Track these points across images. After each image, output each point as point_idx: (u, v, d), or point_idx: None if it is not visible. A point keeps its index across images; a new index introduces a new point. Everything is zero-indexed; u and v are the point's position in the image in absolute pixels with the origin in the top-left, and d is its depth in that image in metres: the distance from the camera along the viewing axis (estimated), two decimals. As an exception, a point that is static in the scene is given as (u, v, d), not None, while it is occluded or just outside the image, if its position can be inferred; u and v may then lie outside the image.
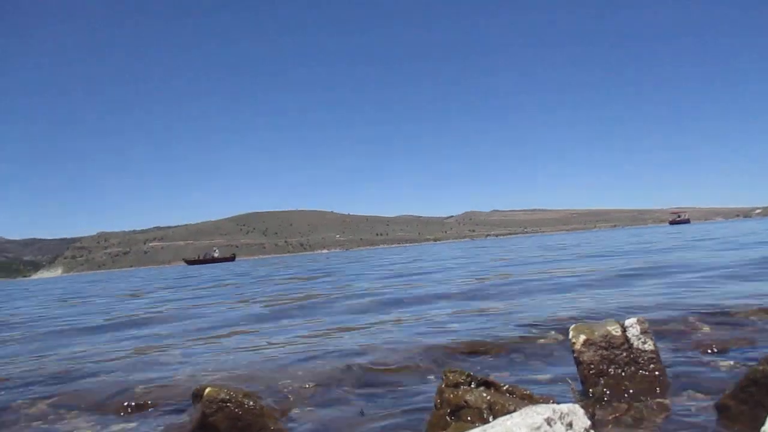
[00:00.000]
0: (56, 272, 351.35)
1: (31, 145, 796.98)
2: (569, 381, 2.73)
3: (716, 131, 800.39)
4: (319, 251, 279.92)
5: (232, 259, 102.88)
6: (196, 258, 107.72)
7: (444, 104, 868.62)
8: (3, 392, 3.52)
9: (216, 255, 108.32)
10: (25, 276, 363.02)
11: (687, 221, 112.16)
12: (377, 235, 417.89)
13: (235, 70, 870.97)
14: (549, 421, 1.37)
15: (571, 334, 2.83)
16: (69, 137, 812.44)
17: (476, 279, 9.80)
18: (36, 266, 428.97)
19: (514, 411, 1.88)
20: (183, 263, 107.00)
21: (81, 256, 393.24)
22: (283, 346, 4.34)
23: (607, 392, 2.57)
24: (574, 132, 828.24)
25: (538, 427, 1.34)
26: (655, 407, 2.39)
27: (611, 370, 2.67)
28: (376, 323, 5.26)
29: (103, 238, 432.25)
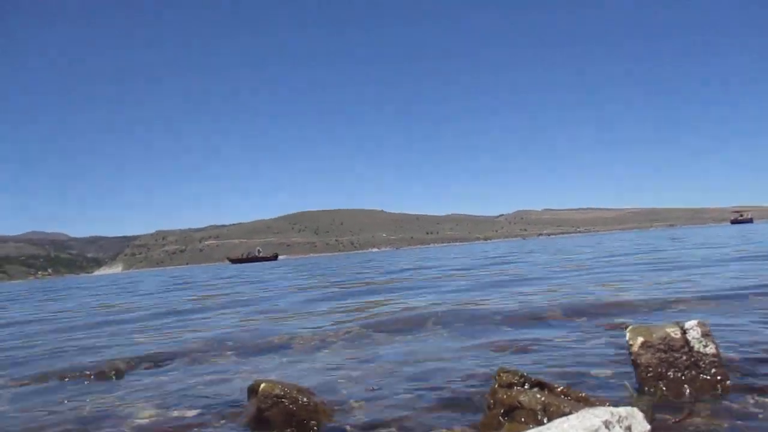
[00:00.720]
0: (117, 269, 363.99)
1: (96, 149, 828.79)
2: (626, 384, 2.67)
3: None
4: (370, 250, 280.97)
5: (274, 258, 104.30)
6: (240, 257, 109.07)
7: (495, 102, 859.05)
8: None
9: (259, 254, 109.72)
10: (87, 272, 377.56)
11: (750, 220, 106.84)
12: (427, 233, 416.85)
13: (282, 69, 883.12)
14: (607, 424, 1.34)
15: (628, 335, 2.76)
16: (129, 141, 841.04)
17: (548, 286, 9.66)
18: (98, 263, 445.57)
19: (570, 413, 1.85)
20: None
21: (140, 254, 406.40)
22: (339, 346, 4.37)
23: (667, 396, 2.50)
24: (629, 129, 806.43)
25: (596, 430, 1.31)
26: (717, 413, 2.30)
27: (670, 374, 2.59)
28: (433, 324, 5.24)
29: (161, 236, 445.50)
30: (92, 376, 3.83)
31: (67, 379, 3.79)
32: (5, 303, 15.30)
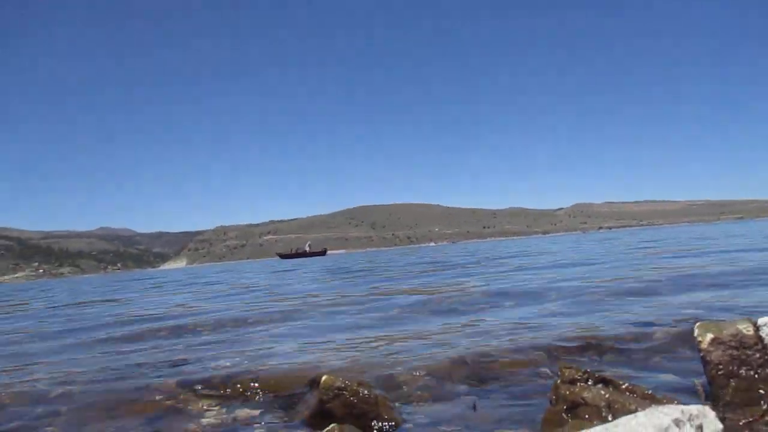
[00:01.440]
0: (181, 263, 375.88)
1: (159, 147, 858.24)
2: (695, 382, 2.58)
3: None
4: (426, 244, 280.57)
5: (323, 253, 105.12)
6: (290, 252, 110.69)
7: (551, 92, 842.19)
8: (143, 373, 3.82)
9: (308, 249, 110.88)
10: (153, 266, 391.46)
11: None
12: (484, 227, 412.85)
13: (338, 66, 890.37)
14: (677, 423, 1.30)
15: (696, 332, 2.67)
16: (191, 138, 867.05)
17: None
18: (163, 257, 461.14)
19: (636, 411, 1.81)
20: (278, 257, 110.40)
21: (203, 248, 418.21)
22: (403, 339, 4.41)
23: (739, 395, 2.40)
24: (692, 116, 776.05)
25: (666, 429, 1.27)
26: (795, 413, 2.20)
27: (742, 372, 2.49)
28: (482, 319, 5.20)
29: (222, 231, 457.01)
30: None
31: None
32: (129, 295, 15.69)
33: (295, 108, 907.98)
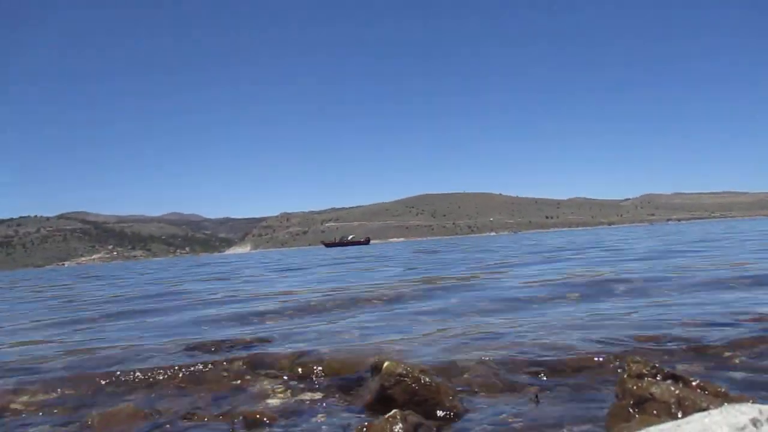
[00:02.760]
0: (246, 248, 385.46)
1: (230, 136, 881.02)
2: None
3: None
4: (487, 234, 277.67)
5: (366, 242, 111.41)
6: (334, 240, 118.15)
7: (617, 77, 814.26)
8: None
9: (352, 239, 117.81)
10: (220, 251, 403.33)
11: None
12: (547, 218, 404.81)
13: (404, 53, 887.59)
14: (755, 422, 1.24)
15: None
16: (255, 127, 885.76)
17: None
18: (229, 243, 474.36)
19: (707, 409, 1.74)
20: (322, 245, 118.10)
21: (266, 234, 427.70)
22: (460, 329, 4.40)
23: (821, 397, 2.28)
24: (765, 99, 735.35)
25: (743, 428, 1.22)
26: None
27: (826, 373, 2.36)
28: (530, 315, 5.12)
29: (285, 218, 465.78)
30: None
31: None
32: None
33: (359, 96, 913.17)
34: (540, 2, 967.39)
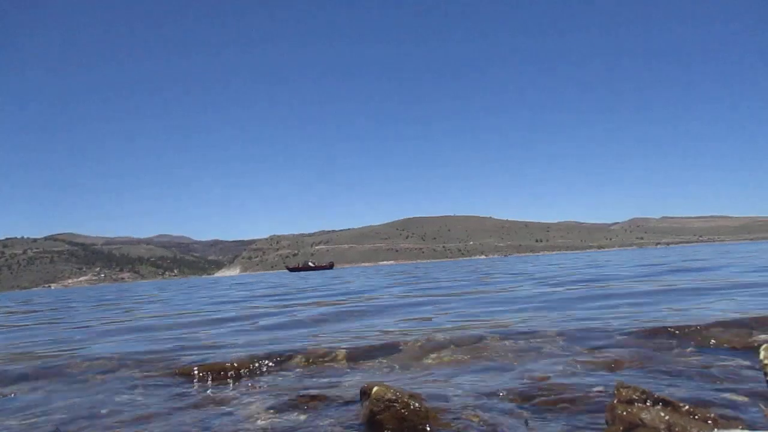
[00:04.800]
0: (235, 271, 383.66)
1: (220, 159, 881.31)
2: (762, 406, 2.47)
3: None
4: (477, 257, 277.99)
5: (330, 267, 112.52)
6: (297, 266, 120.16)
7: (605, 102, 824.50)
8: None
9: (312, 264, 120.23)
10: (209, 273, 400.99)
11: None
12: (537, 241, 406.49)
13: (386, 78, 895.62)
14: (743, 449, 1.24)
15: (762, 354, 2.56)
16: (246, 150, 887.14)
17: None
18: (218, 265, 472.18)
19: (698, 435, 1.73)
20: (286, 269, 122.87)
21: (256, 257, 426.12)
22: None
23: (810, 422, 2.28)
24: (756, 131, 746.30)
25: (731, 454, 1.22)
26: None
27: (813, 398, 2.37)
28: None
29: (275, 240, 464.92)
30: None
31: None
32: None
33: (349, 119, 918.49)
34: (529, 25, 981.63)
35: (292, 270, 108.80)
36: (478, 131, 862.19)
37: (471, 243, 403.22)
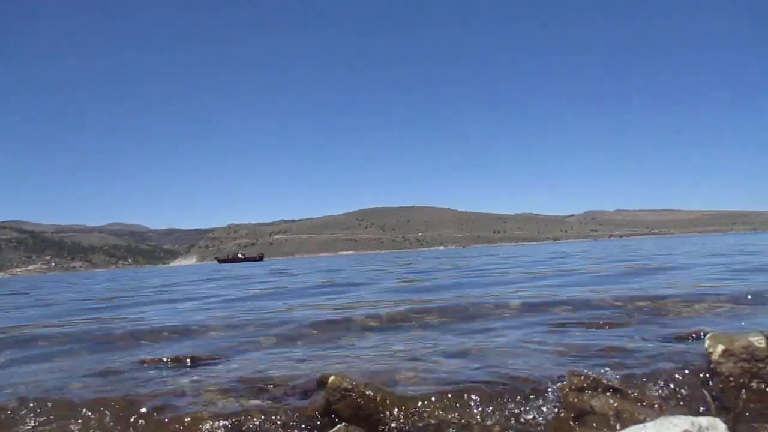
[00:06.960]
0: (191, 260, 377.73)
1: (173, 144, 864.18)
2: (705, 393, 2.56)
3: None
4: (436, 248, 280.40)
5: (260, 258, 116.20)
6: (227, 257, 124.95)
7: (562, 99, 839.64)
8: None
9: (241, 256, 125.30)
10: (164, 263, 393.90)
11: None
12: (495, 232, 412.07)
13: (350, 67, 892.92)
14: (687, 434, 1.29)
15: (707, 342, 2.66)
16: (203, 136, 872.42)
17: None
18: (174, 254, 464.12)
19: (645, 420, 1.79)
20: (216, 261, 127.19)
21: (213, 246, 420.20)
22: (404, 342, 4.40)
23: (750, 408, 2.38)
24: (708, 126, 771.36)
25: (675, 440, 1.27)
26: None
27: (754, 385, 2.47)
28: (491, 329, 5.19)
29: (233, 229, 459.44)
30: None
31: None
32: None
33: (310, 108, 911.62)
34: (491, 16, 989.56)
35: (221, 261, 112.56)
36: (438, 123, 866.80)
37: (430, 234, 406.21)
